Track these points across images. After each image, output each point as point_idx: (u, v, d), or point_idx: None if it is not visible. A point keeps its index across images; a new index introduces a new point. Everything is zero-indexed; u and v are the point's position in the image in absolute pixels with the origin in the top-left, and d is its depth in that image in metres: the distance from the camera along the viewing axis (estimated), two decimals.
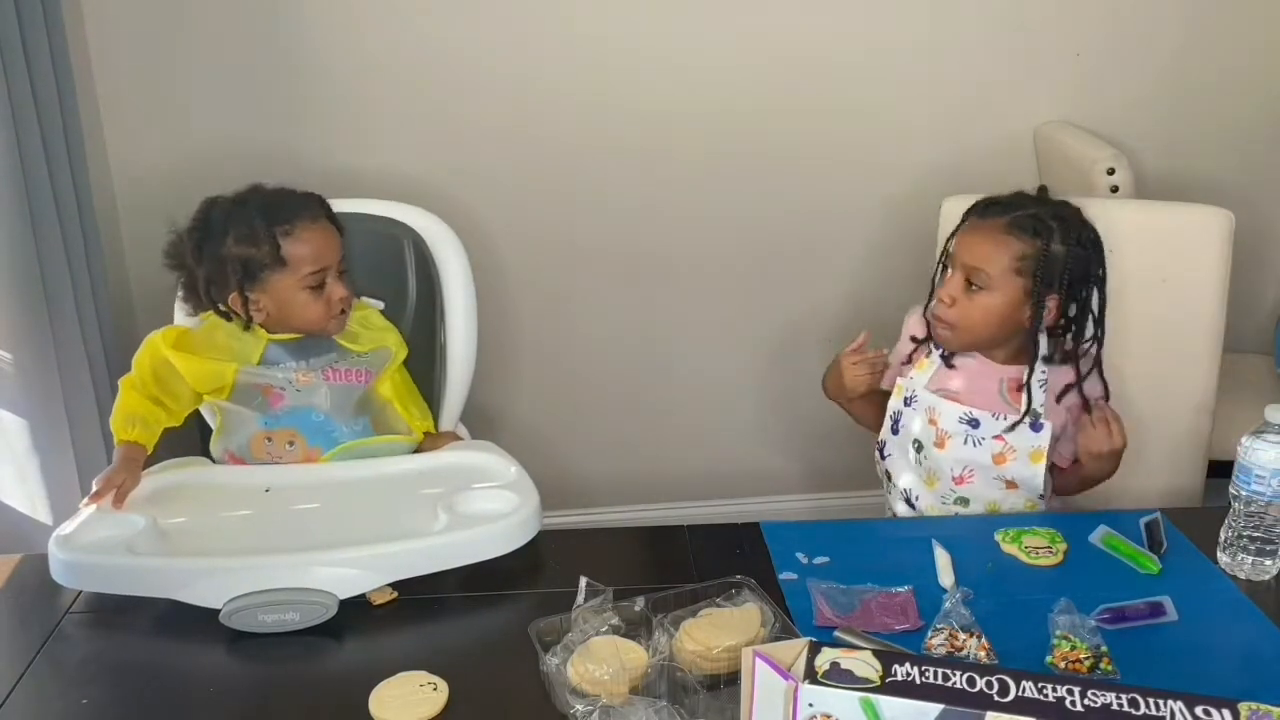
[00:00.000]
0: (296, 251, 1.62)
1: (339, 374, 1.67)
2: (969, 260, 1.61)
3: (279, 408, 1.64)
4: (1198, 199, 1.88)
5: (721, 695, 1.14)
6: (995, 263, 1.59)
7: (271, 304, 1.65)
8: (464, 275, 1.85)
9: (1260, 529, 1.39)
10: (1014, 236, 1.59)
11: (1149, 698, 0.96)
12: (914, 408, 1.68)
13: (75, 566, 1.34)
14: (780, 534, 1.48)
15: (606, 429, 2.60)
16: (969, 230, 1.64)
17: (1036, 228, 1.59)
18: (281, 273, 1.62)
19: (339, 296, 1.66)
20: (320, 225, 1.66)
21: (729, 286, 2.51)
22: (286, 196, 1.69)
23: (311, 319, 1.65)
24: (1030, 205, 1.63)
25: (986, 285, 1.60)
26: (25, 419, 1.84)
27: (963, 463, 1.64)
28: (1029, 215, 1.60)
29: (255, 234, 1.62)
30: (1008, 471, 1.62)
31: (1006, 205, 1.63)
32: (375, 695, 1.16)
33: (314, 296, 1.64)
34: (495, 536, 1.39)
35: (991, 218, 1.62)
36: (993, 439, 1.62)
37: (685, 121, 2.36)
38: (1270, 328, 2.56)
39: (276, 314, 1.65)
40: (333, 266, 1.65)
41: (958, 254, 1.64)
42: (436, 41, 2.25)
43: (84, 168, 1.99)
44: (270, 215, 1.63)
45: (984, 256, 1.60)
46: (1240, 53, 2.46)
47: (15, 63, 1.74)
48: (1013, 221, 1.60)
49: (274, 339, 1.66)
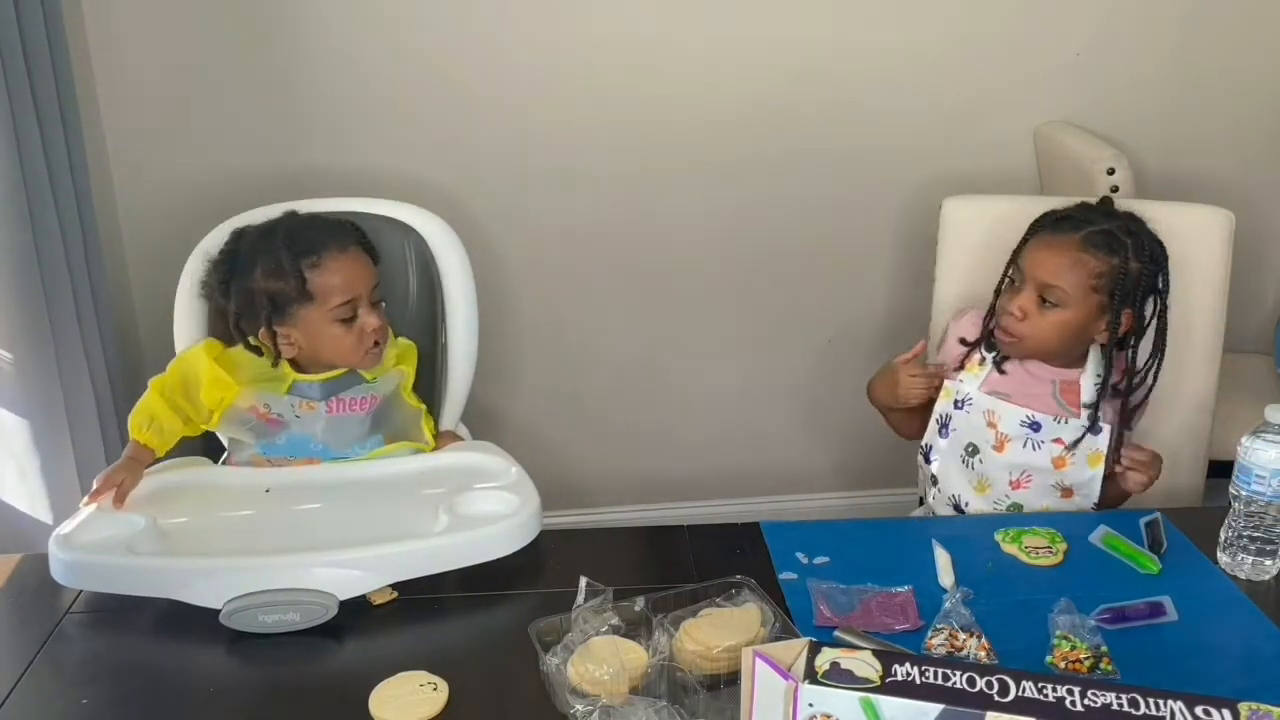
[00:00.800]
0: (324, 283, 1.59)
1: (343, 404, 1.64)
2: (1043, 277, 1.58)
3: (276, 436, 1.62)
4: (1198, 199, 1.88)
5: (721, 695, 1.14)
6: (1071, 280, 1.57)
7: (302, 338, 1.61)
8: (464, 275, 1.85)
9: (1260, 529, 1.39)
10: (1089, 254, 1.57)
11: (1149, 698, 0.96)
12: (967, 411, 1.66)
13: (75, 566, 1.34)
14: (780, 534, 1.48)
15: (606, 429, 2.60)
16: (1041, 246, 1.60)
17: (1112, 244, 1.57)
18: (309, 306, 1.59)
19: (372, 328, 1.61)
20: (349, 255, 1.62)
21: (730, 287, 2.51)
22: (315, 225, 1.65)
23: (343, 352, 1.62)
24: (1100, 219, 1.60)
25: (1062, 302, 1.58)
26: (25, 419, 1.84)
27: (1021, 467, 1.63)
28: (1102, 231, 1.58)
29: (281, 267, 1.58)
30: (1066, 476, 1.62)
31: (1078, 221, 1.60)
32: (375, 695, 1.16)
33: (345, 329, 1.60)
34: (496, 538, 1.39)
35: (1064, 234, 1.59)
36: (1052, 442, 1.61)
37: (685, 123, 2.36)
38: (1270, 328, 2.56)
39: (308, 347, 1.62)
40: (364, 296, 1.61)
41: (1029, 269, 1.60)
42: (438, 42, 2.25)
43: (84, 168, 1.99)
44: (296, 246, 1.59)
45: (1059, 274, 1.57)
46: (1240, 52, 2.46)
47: (15, 63, 1.74)
48: (1087, 238, 1.57)
49: (300, 379, 1.63)
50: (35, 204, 1.78)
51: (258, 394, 1.63)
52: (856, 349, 2.53)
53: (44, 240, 1.81)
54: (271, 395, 1.63)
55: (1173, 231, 1.84)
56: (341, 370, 1.66)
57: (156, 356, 1.71)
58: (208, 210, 1.86)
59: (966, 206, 1.90)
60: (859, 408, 1.83)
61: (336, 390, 1.65)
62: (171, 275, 1.78)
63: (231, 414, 1.63)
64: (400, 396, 1.70)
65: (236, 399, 1.62)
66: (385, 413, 1.67)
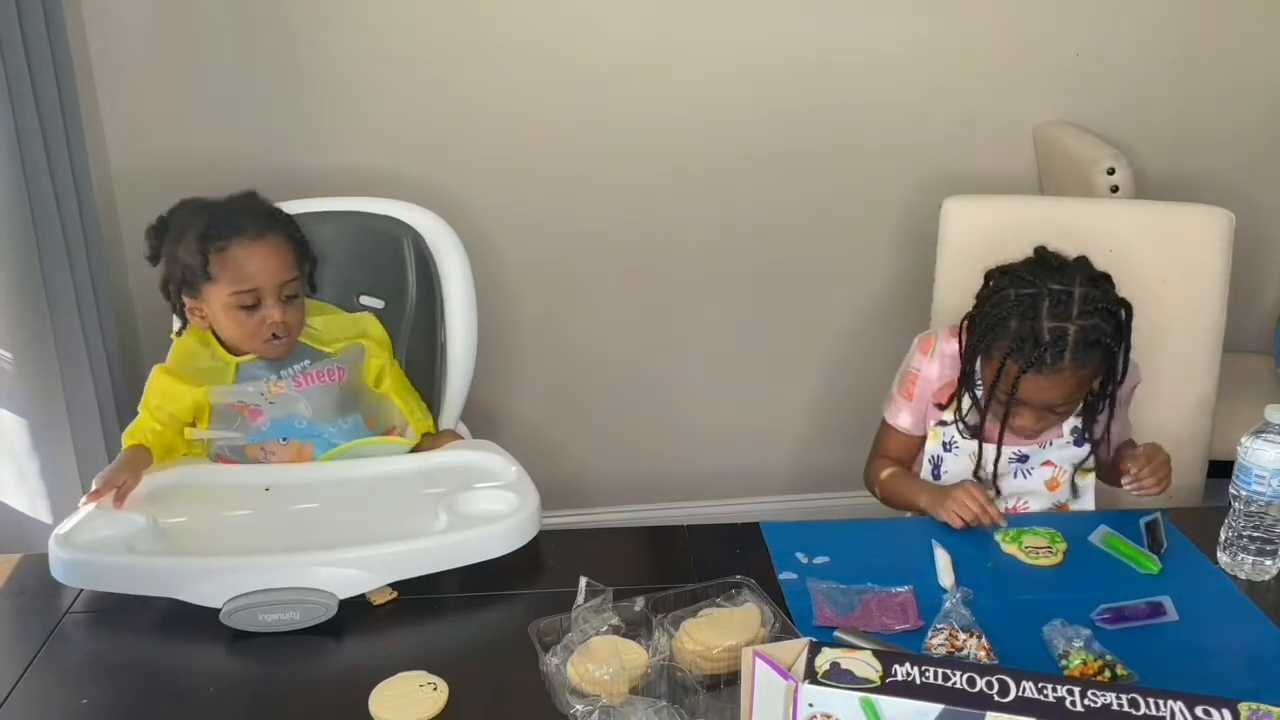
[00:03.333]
0: (224, 270, 1.59)
1: (310, 377, 1.65)
2: (1046, 404, 1.52)
3: (259, 423, 1.62)
4: (1198, 199, 1.88)
5: (721, 695, 1.14)
6: (1077, 395, 1.54)
7: (210, 316, 1.64)
8: (464, 274, 1.85)
9: (1260, 529, 1.39)
10: (1084, 369, 1.49)
11: (1149, 698, 0.96)
12: (955, 454, 1.64)
13: (75, 565, 1.34)
14: (780, 534, 1.48)
15: (607, 429, 2.60)
16: (1034, 387, 1.49)
17: (1096, 345, 1.49)
18: (211, 286, 1.61)
19: (274, 320, 1.60)
20: (263, 244, 1.61)
21: (729, 286, 2.51)
22: (242, 210, 1.65)
23: (241, 337, 1.63)
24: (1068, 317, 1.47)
25: (1069, 410, 1.56)
26: (25, 419, 1.84)
27: (1016, 494, 1.63)
28: (1084, 340, 1.47)
29: (189, 244, 1.61)
30: (1062, 495, 1.63)
31: (1057, 340, 1.46)
32: (375, 695, 1.16)
33: (246, 315, 1.60)
34: (495, 537, 1.39)
35: (1055, 369, 1.47)
36: (1041, 466, 1.62)
37: (684, 122, 2.36)
38: (1270, 328, 2.56)
39: (215, 325, 1.65)
40: (267, 288, 1.60)
41: (1027, 401, 1.51)
42: (437, 40, 2.25)
43: (85, 168, 1.99)
44: (212, 228, 1.61)
45: (1063, 398, 1.52)
46: (1240, 53, 2.46)
47: (16, 63, 1.75)
48: (1075, 359, 1.47)
49: (241, 361, 1.65)
50: (36, 204, 1.79)
51: (226, 390, 1.63)
52: (856, 349, 2.53)
53: (45, 240, 1.81)
54: (237, 388, 1.63)
55: (1173, 231, 1.84)
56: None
57: (156, 356, 1.71)
58: None
59: (966, 206, 1.90)
60: (859, 408, 1.83)
61: (291, 366, 1.65)
62: None
63: (216, 419, 1.62)
64: (363, 378, 1.70)
65: (211, 396, 1.62)
66: (355, 391, 1.68)
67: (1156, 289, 1.78)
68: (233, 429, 1.62)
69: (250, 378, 1.64)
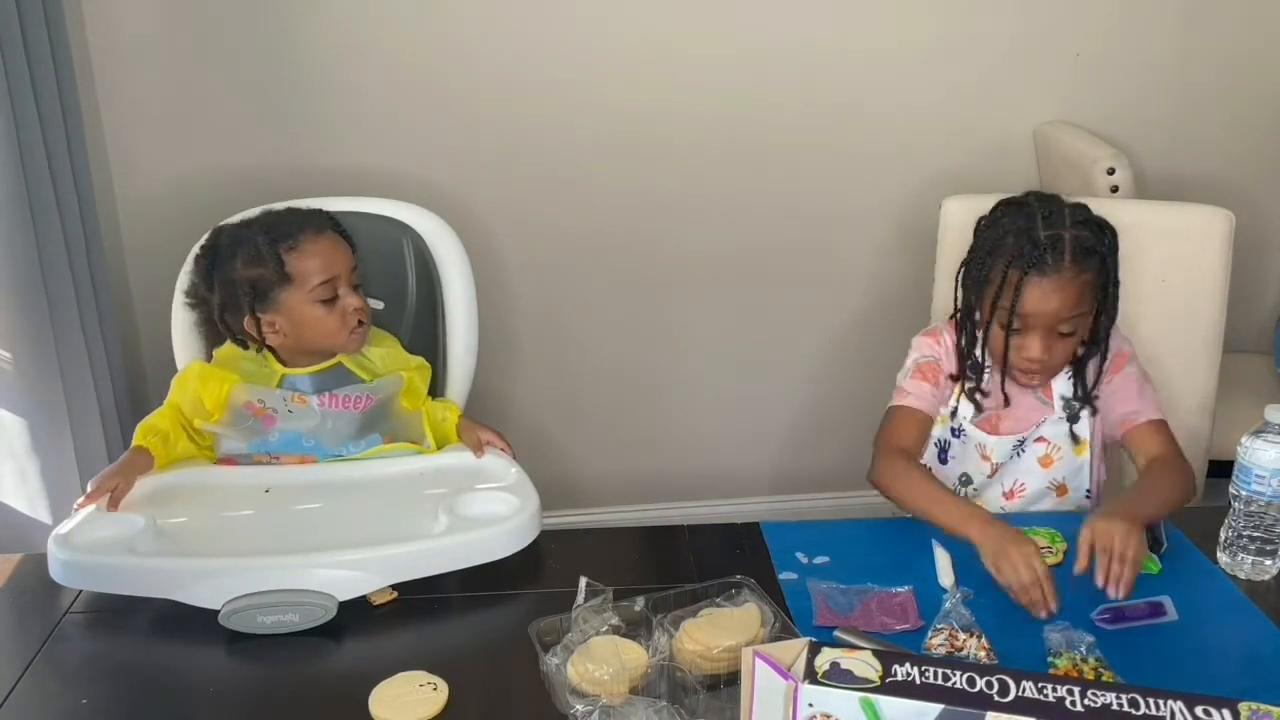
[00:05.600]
0: (302, 265, 1.61)
1: (336, 400, 1.64)
2: (1055, 316, 1.52)
3: (269, 432, 1.61)
4: (1198, 199, 1.88)
5: (721, 695, 1.14)
6: (1083, 305, 1.53)
7: (286, 324, 1.63)
8: (464, 275, 1.85)
9: (1260, 529, 1.39)
10: (1084, 273, 1.51)
11: (1149, 698, 0.96)
12: (963, 440, 1.65)
13: (74, 566, 1.34)
14: (780, 534, 1.48)
15: (606, 429, 2.60)
16: (1036, 290, 1.50)
17: (1091, 248, 1.51)
18: (290, 289, 1.61)
19: (354, 307, 1.64)
20: (325, 237, 1.65)
21: (729, 286, 2.51)
22: (289, 213, 1.68)
23: (328, 333, 1.64)
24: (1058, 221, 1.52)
25: (1076, 327, 1.55)
26: (25, 419, 1.84)
27: (1013, 476, 1.63)
28: (1078, 242, 1.50)
29: (260, 253, 1.61)
30: (1056, 472, 1.62)
31: (1055, 243, 1.50)
32: (375, 695, 1.16)
33: (328, 310, 1.62)
34: (495, 539, 1.39)
35: (1055, 269, 1.49)
36: (1035, 442, 1.62)
37: (685, 122, 2.36)
38: (1270, 328, 2.56)
39: (292, 334, 1.64)
40: (343, 276, 1.64)
41: (1032, 313, 1.52)
42: (436, 41, 2.25)
43: (85, 168, 1.99)
44: (273, 233, 1.63)
45: (1070, 307, 1.52)
46: (1240, 53, 2.46)
47: (17, 63, 1.75)
48: (1074, 260, 1.50)
49: (289, 372, 1.65)
50: (36, 205, 1.79)
51: (251, 388, 1.63)
52: (857, 349, 2.53)
53: (45, 241, 1.81)
54: (265, 390, 1.63)
55: (1173, 231, 1.84)
56: (330, 362, 1.66)
57: (156, 356, 1.71)
58: (208, 210, 1.86)
59: (966, 206, 1.90)
60: (859, 408, 1.83)
61: (329, 385, 1.65)
62: (171, 275, 1.78)
63: (230, 413, 1.62)
64: (399, 403, 1.69)
65: (233, 391, 1.62)
66: (381, 414, 1.66)
67: (1156, 289, 1.78)
68: (243, 428, 1.61)
69: (291, 388, 1.64)
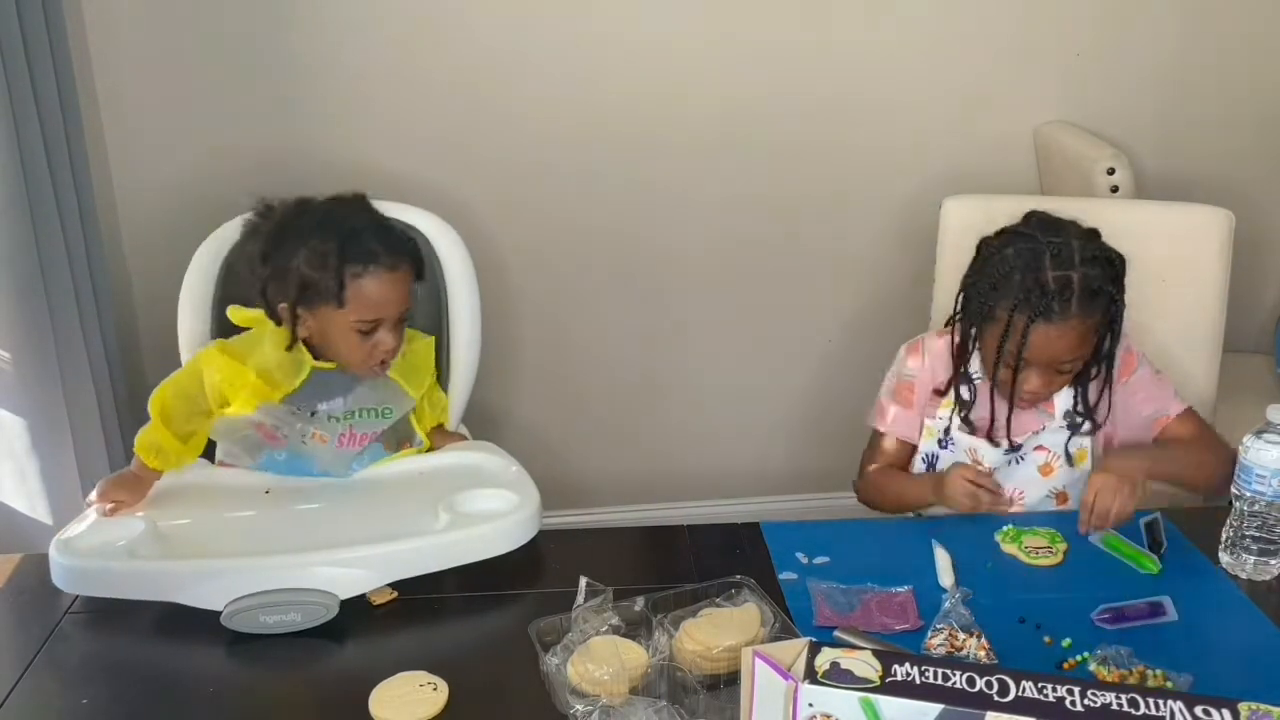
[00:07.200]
0: (359, 295, 1.55)
1: (354, 439, 1.61)
2: (1058, 360, 1.52)
3: (277, 450, 1.59)
4: (1198, 199, 1.88)
5: (721, 695, 1.14)
6: (1085, 349, 1.53)
7: (317, 330, 1.60)
8: (468, 277, 1.84)
9: (1262, 529, 1.39)
10: (1090, 319, 1.50)
11: (1149, 698, 0.96)
12: (951, 450, 1.64)
13: (76, 572, 1.33)
14: (780, 534, 1.48)
15: (606, 429, 2.60)
16: (1041, 338, 1.49)
17: (1099, 292, 1.50)
18: (336, 309, 1.56)
19: (386, 348, 1.60)
20: (396, 275, 1.58)
21: (730, 286, 2.50)
22: (377, 233, 1.61)
23: (351, 360, 1.61)
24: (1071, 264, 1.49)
25: (1077, 365, 1.55)
26: (25, 419, 1.84)
27: (1012, 484, 1.62)
28: (1086, 287, 1.48)
29: (326, 263, 1.55)
30: (1057, 481, 1.62)
31: (1062, 289, 1.48)
32: (375, 695, 1.16)
33: (361, 340, 1.58)
34: (495, 536, 1.40)
35: (1062, 317, 1.48)
36: (1034, 450, 1.61)
37: (685, 122, 2.36)
38: (1270, 328, 2.56)
39: (319, 341, 1.61)
40: (391, 319, 1.59)
41: (1037, 356, 1.50)
42: (438, 42, 2.25)
43: (85, 168, 1.99)
44: (347, 250, 1.55)
45: (1072, 351, 1.51)
46: (1240, 53, 2.46)
47: (17, 63, 1.75)
48: (1081, 308, 1.49)
49: (318, 366, 1.62)
50: (36, 204, 1.79)
51: (269, 410, 1.59)
52: (856, 349, 2.53)
53: (45, 240, 1.81)
54: (282, 414, 1.59)
55: (1173, 231, 1.84)
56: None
57: (156, 356, 1.71)
58: (208, 210, 1.86)
59: (966, 206, 1.90)
60: (859, 408, 1.83)
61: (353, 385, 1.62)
62: (171, 275, 1.78)
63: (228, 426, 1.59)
64: (408, 421, 1.68)
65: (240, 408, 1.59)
66: (390, 433, 1.66)
67: (1156, 289, 1.78)
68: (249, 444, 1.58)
69: (314, 394, 1.61)
